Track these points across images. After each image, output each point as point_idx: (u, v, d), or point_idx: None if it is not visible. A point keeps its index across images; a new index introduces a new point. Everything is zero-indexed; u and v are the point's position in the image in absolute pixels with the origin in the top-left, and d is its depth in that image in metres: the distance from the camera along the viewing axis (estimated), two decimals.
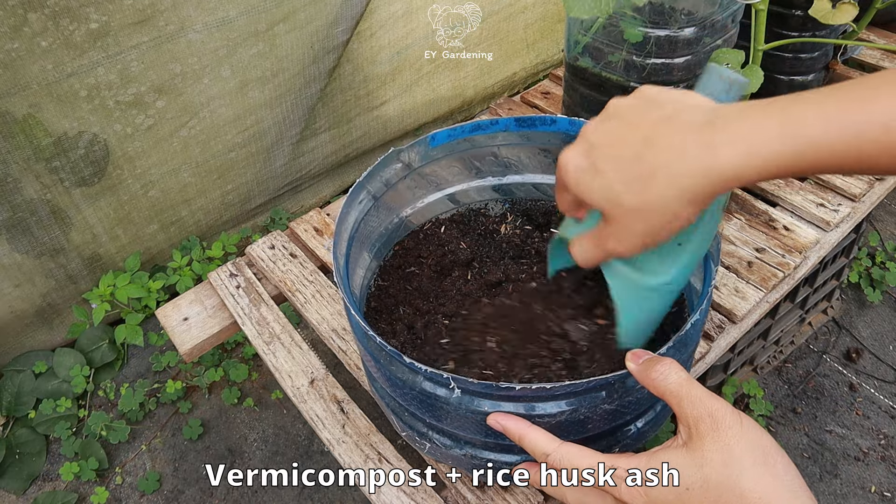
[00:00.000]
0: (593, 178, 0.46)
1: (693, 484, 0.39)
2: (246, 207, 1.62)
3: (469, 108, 1.94)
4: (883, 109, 0.37)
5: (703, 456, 0.40)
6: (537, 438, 0.48)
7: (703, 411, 0.41)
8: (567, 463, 0.46)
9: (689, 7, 0.87)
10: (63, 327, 1.48)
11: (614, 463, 0.43)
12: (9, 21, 1.06)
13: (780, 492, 0.38)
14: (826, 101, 0.39)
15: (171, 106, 1.31)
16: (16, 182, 1.23)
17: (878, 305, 1.54)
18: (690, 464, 0.40)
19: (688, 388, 0.42)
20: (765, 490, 0.38)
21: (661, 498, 0.41)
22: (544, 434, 0.49)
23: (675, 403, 0.43)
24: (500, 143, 0.76)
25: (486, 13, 1.69)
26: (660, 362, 0.45)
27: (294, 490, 1.31)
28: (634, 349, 0.49)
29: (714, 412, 0.41)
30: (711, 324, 0.85)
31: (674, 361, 0.45)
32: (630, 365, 0.47)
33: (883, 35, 1.28)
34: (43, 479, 1.35)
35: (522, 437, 0.49)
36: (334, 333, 0.86)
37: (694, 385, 0.43)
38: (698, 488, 0.39)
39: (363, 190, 0.71)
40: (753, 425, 0.41)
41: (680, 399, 0.42)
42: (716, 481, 0.39)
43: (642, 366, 0.46)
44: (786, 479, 0.38)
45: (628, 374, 0.48)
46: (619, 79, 0.89)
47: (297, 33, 1.38)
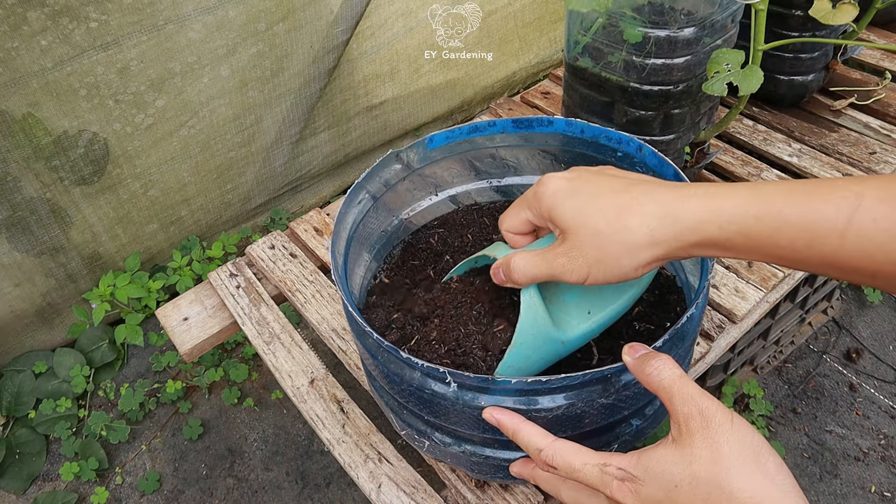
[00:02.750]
0: (569, 197, 0.49)
1: (682, 481, 0.39)
2: (246, 207, 1.62)
3: (469, 108, 1.94)
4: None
5: (692, 453, 0.40)
6: (531, 434, 0.48)
7: (693, 409, 0.41)
8: (559, 459, 0.46)
9: (689, 7, 0.87)
10: (63, 327, 1.48)
11: (606, 460, 0.43)
12: (8, 20, 1.06)
13: (770, 490, 0.37)
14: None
15: (170, 105, 1.31)
16: (15, 181, 1.23)
17: (878, 305, 1.54)
18: (680, 461, 0.40)
19: (680, 385, 0.42)
20: (755, 489, 0.37)
21: (650, 495, 0.40)
22: (538, 430, 0.48)
23: (666, 400, 0.43)
24: (499, 145, 0.76)
25: (485, 13, 1.69)
26: (656, 357, 0.45)
27: (294, 490, 1.31)
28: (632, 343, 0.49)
29: (705, 410, 0.41)
30: (711, 324, 0.85)
31: (669, 358, 0.45)
32: (626, 358, 0.47)
33: (883, 35, 1.28)
34: (43, 479, 1.35)
35: (516, 432, 0.49)
36: (334, 333, 0.86)
37: (687, 382, 0.43)
38: (687, 485, 0.39)
39: (362, 190, 0.71)
40: (745, 424, 0.40)
41: (672, 395, 0.42)
42: (705, 479, 0.39)
43: (638, 360, 0.46)
44: (777, 479, 0.38)
45: (624, 368, 0.48)
46: (619, 79, 0.89)
47: (296, 33, 1.38)
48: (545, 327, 0.53)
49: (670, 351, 0.55)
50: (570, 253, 0.48)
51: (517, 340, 0.53)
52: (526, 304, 0.53)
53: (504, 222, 0.55)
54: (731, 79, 0.81)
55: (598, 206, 0.47)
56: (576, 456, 0.45)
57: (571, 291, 0.57)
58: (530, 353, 0.54)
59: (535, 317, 0.53)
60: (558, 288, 0.57)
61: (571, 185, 0.50)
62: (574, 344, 0.56)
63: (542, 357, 0.55)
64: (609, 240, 0.46)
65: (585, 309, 0.56)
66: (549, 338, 0.54)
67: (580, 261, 0.48)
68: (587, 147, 0.71)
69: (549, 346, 0.54)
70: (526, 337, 0.53)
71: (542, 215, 0.51)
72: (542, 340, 0.53)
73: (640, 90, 0.88)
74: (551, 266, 0.49)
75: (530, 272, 0.51)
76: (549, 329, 0.53)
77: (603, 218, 0.47)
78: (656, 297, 0.70)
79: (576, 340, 0.56)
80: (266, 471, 1.34)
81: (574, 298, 0.57)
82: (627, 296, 0.57)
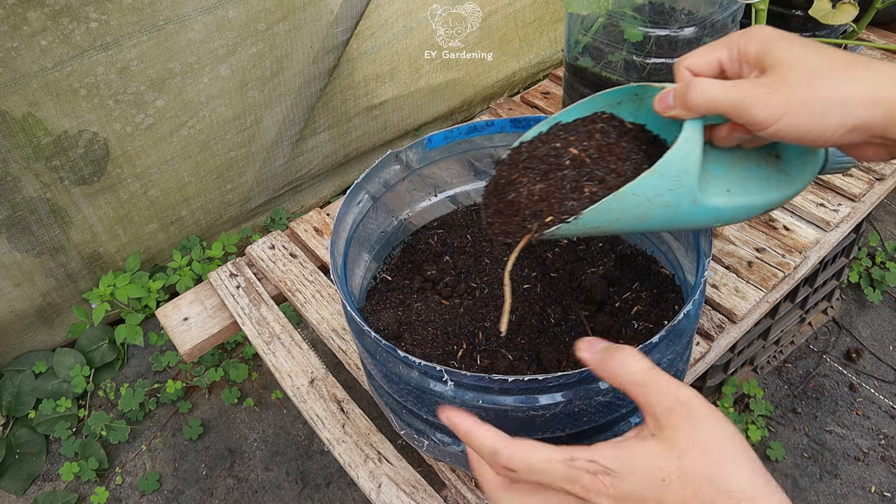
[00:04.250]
0: (789, 40, 0.44)
1: (670, 475, 0.37)
2: (246, 207, 1.62)
3: (469, 108, 1.94)
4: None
5: (679, 447, 0.37)
6: (486, 436, 0.41)
7: (673, 401, 0.39)
8: (517, 460, 0.39)
9: (689, 7, 0.87)
10: (63, 327, 1.48)
11: (571, 454, 0.39)
12: (8, 20, 1.06)
13: (759, 484, 0.36)
14: None
15: (170, 105, 1.31)
16: (15, 181, 1.23)
17: (878, 305, 1.54)
18: (667, 454, 0.37)
19: (653, 377, 0.40)
20: (747, 483, 0.36)
21: (631, 492, 0.37)
22: (494, 432, 0.42)
23: (640, 394, 0.40)
24: (498, 145, 0.76)
25: (485, 13, 1.69)
26: (619, 350, 0.41)
27: (294, 490, 1.31)
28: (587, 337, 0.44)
29: (687, 401, 0.38)
30: (711, 324, 0.84)
31: (633, 349, 0.41)
32: (584, 355, 0.43)
33: (883, 35, 1.28)
34: (43, 479, 1.35)
35: (470, 435, 0.42)
36: (334, 333, 0.86)
37: (659, 373, 0.40)
38: (676, 480, 0.37)
39: (362, 190, 0.71)
40: (723, 416, 0.39)
41: (646, 388, 0.39)
42: (695, 473, 0.37)
43: (599, 356, 0.42)
44: (760, 472, 0.37)
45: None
46: (619, 78, 0.89)
47: (296, 33, 1.38)
48: (693, 169, 0.46)
49: (667, 349, 0.55)
50: (772, 85, 0.42)
51: (658, 169, 0.45)
52: (686, 136, 0.45)
53: (687, 59, 0.48)
54: None
55: (825, 54, 0.43)
56: (535, 453, 0.39)
57: (719, 163, 0.51)
58: (655, 191, 0.46)
59: (689, 152, 0.45)
60: (706, 157, 0.49)
61: (791, 35, 0.45)
62: (700, 214, 0.49)
63: (653, 210, 0.47)
64: (826, 83, 0.41)
65: (726, 186, 0.49)
66: (688, 185, 0.46)
67: (782, 96, 0.42)
68: None
69: (679, 195, 0.47)
70: (669, 168, 0.45)
71: (748, 52, 0.45)
72: (679, 183, 0.46)
73: None
74: (742, 93, 0.43)
75: (713, 94, 0.44)
76: (695, 174, 0.46)
77: (828, 62, 0.42)
78: (654, 295, 0.70)
79: (705, 211, 0.49)
80: (266, 471, 1.34)
81: (719, 170, 0.50)
82: (774, 195, 0.51)
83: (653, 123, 0.54)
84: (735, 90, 0.44)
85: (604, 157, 0.51)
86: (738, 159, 0.51)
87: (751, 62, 0.45)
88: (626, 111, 0.55)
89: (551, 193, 0.50)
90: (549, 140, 0.54)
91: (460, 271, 0.77)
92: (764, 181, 0.51)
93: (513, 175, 0.54)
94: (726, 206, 0.49)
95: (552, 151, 0.53)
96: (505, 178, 0.54)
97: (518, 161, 0.55)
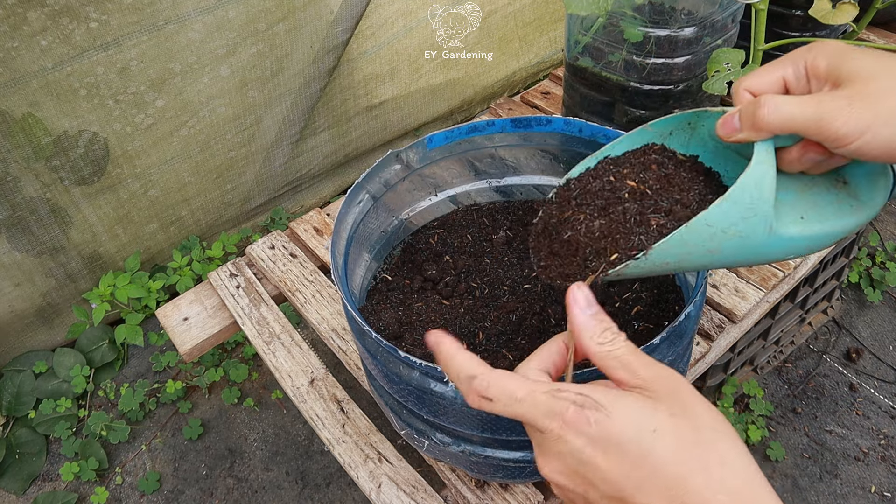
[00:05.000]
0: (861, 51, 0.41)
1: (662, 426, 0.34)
2: (246, 207, 1.62)
3: (469, 108, 1.94)
4: None
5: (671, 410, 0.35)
6: (464, 360, 0.39)
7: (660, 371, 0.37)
8: (496, 388, 0.37)
9: (689, 7, 0.87)
10: (63, 327, 1.48)
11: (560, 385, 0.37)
12: (8, 20, 1.06)
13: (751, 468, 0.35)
14: None
15: (170, 105, 1.31)
16: (15, 181, 1.23)
17: (878, 305, 1.54)
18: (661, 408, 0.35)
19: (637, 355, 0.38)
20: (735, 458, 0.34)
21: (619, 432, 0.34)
22: (478, 359, 0.40)
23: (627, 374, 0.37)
24: (498, 144, 0.76)
25: (485, 13, 1.69)
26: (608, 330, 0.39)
27: (294, 490, 1.31)
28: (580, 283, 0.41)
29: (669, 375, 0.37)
30: (711, 324, 0.85)
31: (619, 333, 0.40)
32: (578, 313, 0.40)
33: (883, 35, 1.28)
34: (43, 479, 1.35)
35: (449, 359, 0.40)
36: (334, 333, 0.86)
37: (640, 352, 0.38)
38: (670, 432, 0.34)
39: (362, 190, 0.71)
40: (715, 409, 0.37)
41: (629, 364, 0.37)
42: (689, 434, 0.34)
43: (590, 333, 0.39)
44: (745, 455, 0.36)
45: None
46: (619, 78, 0.89)
47: (296, 33, 1.38)
48: (768, 194, 0.42)
49: (668, 349, 0.55)
50: (854, 97, 0.39)
51: (732, 195, 0.41)
52: (759, 159, 0.41)
53: (746, 81, 0.45)
54: (731, 78, 0.81)
55: None
56: (517, 381, 0.37)
57: (787, 189, 0.47)
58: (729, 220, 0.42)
59: (763, 175, 0.42)
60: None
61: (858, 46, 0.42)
62: (774, 245, 0.45)
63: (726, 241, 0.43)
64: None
65: (799, 213, 0.46)
66: (763, 212, 0.42)
67: (866, 108, 0.39)
68: (586, 146, 0.71)
69: (754, 224, 0.43)
70: (744, 194, 0.41)
71: (818, 66, 0.42)
72: (753, 211, 0.42)
73: (641, 90, 0.88)
74: (821, 106, 0.40)
75: (788, 110, 0.41)
76: (770, 199, 0.42)
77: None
78: (655, 296, 0.70)
79: (779, 241, 0.45)
80: (266, 471, 1.34)
81: (788, 197, 0.47)
82: (848, 220, 0.47)
83: (704, 155, 0.51)
84: (812, 104, 0.40)
85: (665, 188, 0.48)
86: (806, 185, 0.48)
87: (821, 77, 0.42)
88: (677, 142, 0.52)
89: (614, 229, 0.46)
90: (601, 174, 0.51)
91: (460, 271, 0.77)
92: (836, 206, 0.47)
93: (565, 213, 0.50)
94: (801, 234, 0.46)
95: (607, 185, 0.50)
96: (556, 216, 0.51)
97: (569, 198, 0.51)
